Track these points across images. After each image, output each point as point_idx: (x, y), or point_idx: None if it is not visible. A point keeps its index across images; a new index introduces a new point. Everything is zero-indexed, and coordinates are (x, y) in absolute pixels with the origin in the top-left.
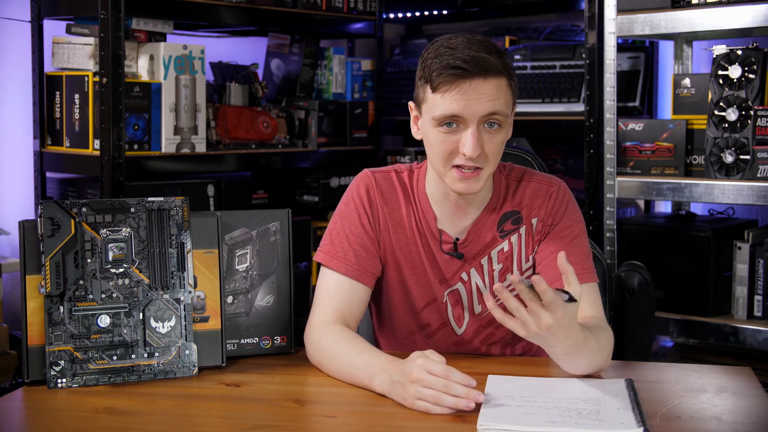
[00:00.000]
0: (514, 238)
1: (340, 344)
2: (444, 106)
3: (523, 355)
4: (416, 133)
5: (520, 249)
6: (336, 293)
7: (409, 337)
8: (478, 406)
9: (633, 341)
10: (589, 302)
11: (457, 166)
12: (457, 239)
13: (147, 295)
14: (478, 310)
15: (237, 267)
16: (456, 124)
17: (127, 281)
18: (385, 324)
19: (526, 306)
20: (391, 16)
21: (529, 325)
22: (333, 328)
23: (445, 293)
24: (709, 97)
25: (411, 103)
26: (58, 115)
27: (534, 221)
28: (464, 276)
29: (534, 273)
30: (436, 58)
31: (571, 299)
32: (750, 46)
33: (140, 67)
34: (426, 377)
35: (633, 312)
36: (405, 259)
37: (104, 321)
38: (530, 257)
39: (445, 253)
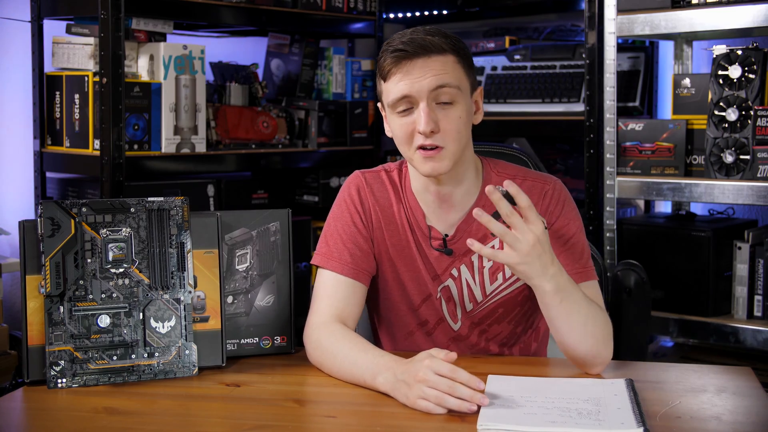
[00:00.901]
0: None
1: (342, 343)
2: (394, 90)
3: (522, 355)
4: (388, 131)
5: None
6: (333, 292)
7: (410, 336)
8: (479, 406)
9: (630, 340)
10: None
11: (421, 148)
12: (446, 235)
13: (147, 295)
14: (469, 307)
15: (237, 267)
16: (410, 107)
17: (127, 281)
18: (384, 324)
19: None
20: (391, 16)
21: (519, 245)
22: (333, 328)
23: (438, 289)
24: (709, 97)
25: (378, 104)
26: (58, 115)
27: None
28: (454, 272)
29: None
30: (383, 51)
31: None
32: (750, 46)
33: (140, 67)
34: (432, 377)
35: (629, 311)
36: (399, 256)
37: (104, 321)
38: None
39: (435, 249)
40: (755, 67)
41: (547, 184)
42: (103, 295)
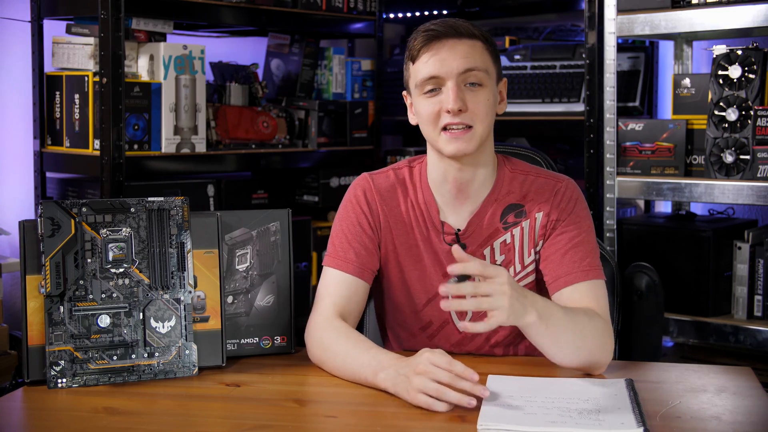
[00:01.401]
0: (516, 230)
1: (343, 342)
2: (423, 70)
3: (527, 356)
4: (412, 118)
5: (522, 242)
6: (336, 290)
7: (411, 339)
8: (479, 405)
9: (642, 343)
10: (590, 297)
11: (446, 129)
12: (459, 230)
13: (147, 295)
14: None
15: (237, 267)
16: (437, 88)
17: (127, 281)
18: (389, 326)
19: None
20: (391, 16)
21: (499, 303)
22: (335, 325)
23: None
24: (709, 97)
25: (404, 92)
26: (58, 115)
27: (538, 216)
28: None
29: (537, 268)
30: (413, 35)
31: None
32: (750, 46)
33: (140, 67)
34: (432, 369)
35: (641, 313)
36: (406, 256)
37: (104, 321)
38: (532, 251)
39: (448, 245)
40: (755, 67)
41: (560, 182)
42: (103, 295)
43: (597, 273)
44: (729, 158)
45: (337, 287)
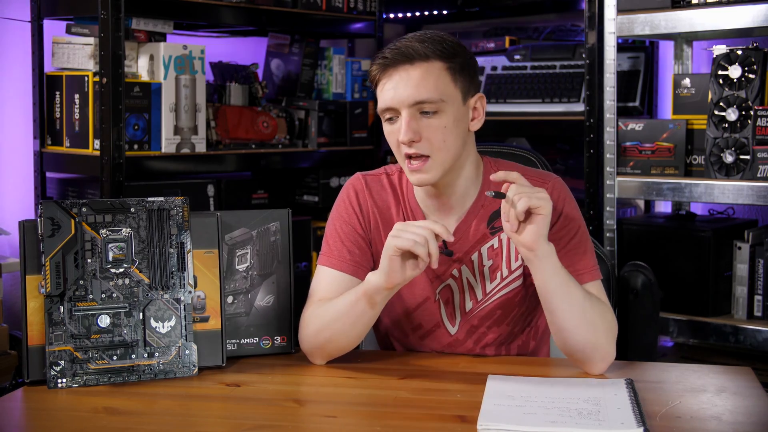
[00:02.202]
0: (503, 235)
1: (330, 303)
2: (381, 100)
3: (519, 355)
4: None
5: (509, 246)
6: (330, 288)
7: (404, 339)
8: (479, 405)
9: (638, 342)
10: None
11: (408, 158)
12: None
13: (147, 295)
14: (469, 306)
15: (237, 267)
16: (394, 117)
17: (127, 281)
18: (382, 328)
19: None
20: (391, 16)
21: (541, 195)
22: (319, 302)
23: (436, 291)
24: (709, 97)
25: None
26: (58, 115)
27: None
28: (455, 272)
29: (524, 273)
30: (374, 57)
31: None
32: (750, 46)
33: (140, 67)
34: (404, 227)
35: (637, 313)
36: None
37: (104, 321)
38: (519, 256)
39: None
40: (755, 67)
41: (546, 183)
42: (103, 295)
43: (594, 274)
44: (729, 158)
45: (331, 285)
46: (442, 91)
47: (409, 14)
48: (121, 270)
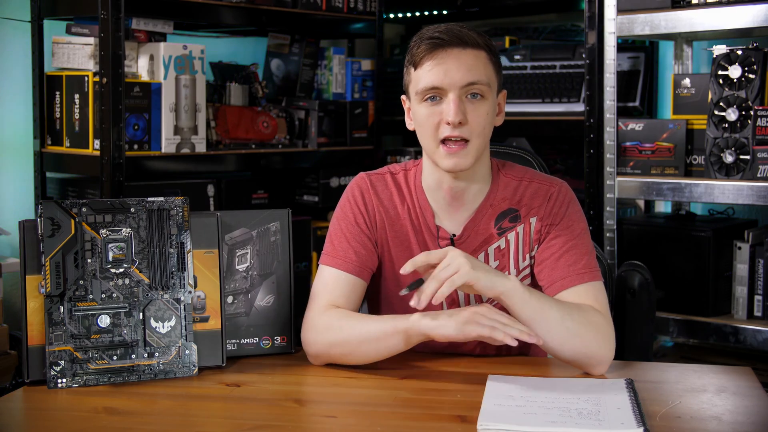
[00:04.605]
0: (510, 235)
1: (354, 317)
2: (425, 79)
3: (522, 355)
4: (409, 123)
5: (516, 247)
6: (334, 288)
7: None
8: (479, 405)
9: (634, 341)
10: (588, 299)
11: (444, 142)
12: (454, 235)
13: (147, 295)
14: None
15: (237, 267)
16: (438, 97)
17: (127, 281)
18: None
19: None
20: (391, 16)
21: (454, 263)
22: (338, 310)
23: None
24: (709, 97)
25: (402, 97)
26: (58, 115)
27: (533, 221)
28: None
29: (531, 272)
30: (418, 39)
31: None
32: (750, 46)
33: (140, 67)
34: (485, 311)
35: (634, 312)
36: (401, 258)
37: (104, 321)
38: (527, 256)
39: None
40: (755, 67)
41: (553, 187)
42: (103, 295)
43: (593, 275)
44: (729, 158)
45: (335, 286)
46: (490, 77)
47: (409, 14)
48: (121, 270)
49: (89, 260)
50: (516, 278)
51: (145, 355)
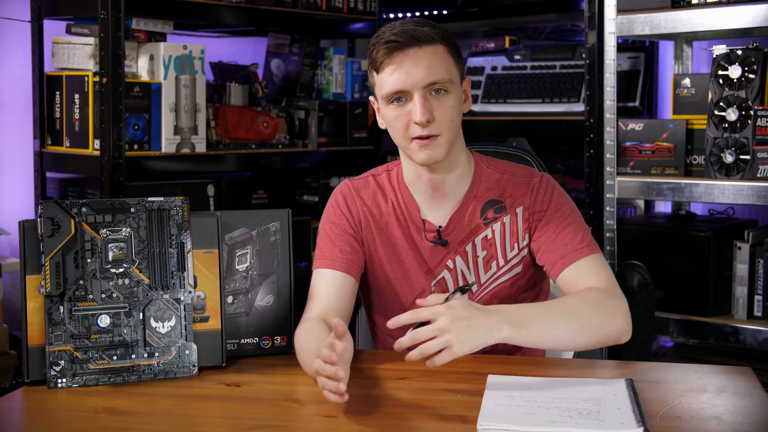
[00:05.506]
0: (496, 225)
1: (307, 338)
2: (389, 83)
3: (521, 353)
4: (381, 123)
5: (503, 237)
6: (325, 289)
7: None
8: (479, 405)
9: (633, 341)
10: (590, 273)
11: (416, 138)
12: (440, 227)
13: (147, 295)
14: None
15: (237, 267)
16: (404, 98)
17: (127, 281)
18: (377, 330)
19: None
20: (391, 16)
21: (441, 338)
22: (308, 325)
23: (432, 284)
24: (709, 97)
25: (371, 98)
26: (58, 115)
27: (519, 210)
28: (449, 264)
29: (521, 261)
30: (376, 42)
31: (462, 289)
32: (750, 46)
33: (140, 67)
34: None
35: (633, 312)
36: (389, 257)
37: (104, 321)
38: (515, 245)
39: (430, 242)
40: (755, 67)
41: (534, 177)
42: (103, 295)
43: (592, 248)
44: (729, 158)
45: (326, 285)
46: (450, 71)
47: (409, 14)
48: (121, 270)
49: (89, 260)
50: (510, 318)
51: (145, 355)
